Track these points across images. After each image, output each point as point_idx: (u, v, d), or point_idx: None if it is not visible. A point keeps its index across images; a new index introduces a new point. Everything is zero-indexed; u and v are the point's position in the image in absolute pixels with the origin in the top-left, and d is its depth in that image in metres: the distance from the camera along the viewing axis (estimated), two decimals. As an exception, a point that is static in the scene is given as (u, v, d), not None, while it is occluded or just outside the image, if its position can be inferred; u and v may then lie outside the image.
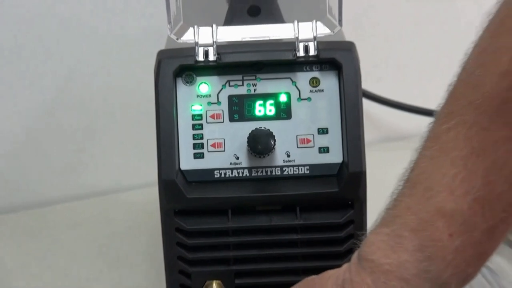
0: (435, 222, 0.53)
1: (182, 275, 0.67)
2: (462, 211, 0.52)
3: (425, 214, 0.54)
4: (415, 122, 1.10)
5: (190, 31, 0.68)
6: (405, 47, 1.14)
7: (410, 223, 0.54)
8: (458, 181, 0.53)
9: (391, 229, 0.55)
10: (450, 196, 0.53)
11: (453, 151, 0.53)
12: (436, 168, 0.54)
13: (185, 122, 0.66)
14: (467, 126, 0.53)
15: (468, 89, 0.54)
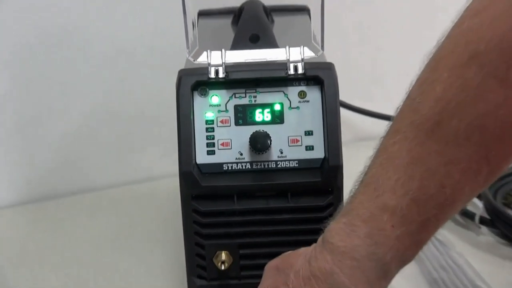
0: (381, 216, 0.54)
1: (198, 247, 0.68)
2: (401, 208, 0.53)
3: (373, 208, 0.54)
4: (379, 125, 1.10)
5: (204, 54, 0.68)
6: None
7: (362, 215, 0.55)
8: (399, 184, 0.53)
9: (347, 219, 0.56)
10: (393, 196, 0.53)
11: (396, 160, 0.54)
12: (383, 173, 0.55)
13: (200, 126, 0.66)
14: (408, 141, 0.54)
15: (410, 112, 0.55)
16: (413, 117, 0.54)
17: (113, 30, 0.98)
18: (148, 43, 1.00)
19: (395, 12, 1.12)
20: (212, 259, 0.68)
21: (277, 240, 0.68)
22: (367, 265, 0.54)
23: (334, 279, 0.55)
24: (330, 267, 0.55)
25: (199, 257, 0.68)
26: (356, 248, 0.54)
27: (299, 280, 0.57)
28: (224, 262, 0.67)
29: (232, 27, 0.76)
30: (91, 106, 1.01)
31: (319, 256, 0.56)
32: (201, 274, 0.69)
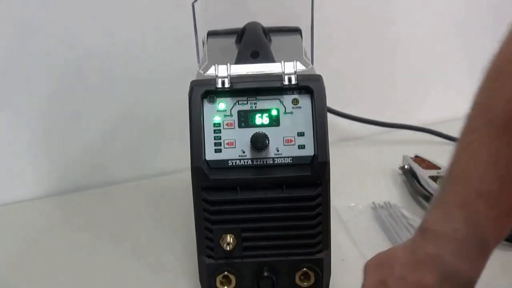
0: (475, 201, 0.53)
1: (207, 230, 0.67)
2: (494, 191, 0.53)
3: (467, 196, 0.53)
4: (360, 128, 1.11)
5: (212, 68, 0.67)
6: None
7: (457, 203, 0.54)
8: (488, 172, 0.53)
9: (443, 209, 0.55)
10: (483, 183, 0.53)
11: (480, 154, 0.53)
12: (470, 166, 0.54)
13: (209, 128, 0.66)
14: (486, 136, 0.53)
15: (484, 113, 0.54)
16: (488, 117, 0.54)
17: (135, 51, 0.98)
18: (165, 58, 1.00)
19: (371, 31, 1.11)
20: (219, 241, 0.67)
21: (274, 225, 0.67)
22: (469, 245, 0.53)
23: (442, 261, 0.53)
24: (436, 251, 0.54)
25: (207, 239, 0.67)
26: (457, 232, 0.53)
27: (405, 268, 0.55)
28: (229, 244, 0.67)
29: (236, 45, 0.76)
30: (113, 109, 1.00)
31: (422, 244, 0.55)
32: (209, 254, 0.68)
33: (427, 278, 0.53)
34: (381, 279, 0.56)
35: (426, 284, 0.53)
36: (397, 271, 0.55)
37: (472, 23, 1.16)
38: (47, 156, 0.99)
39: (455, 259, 0.53)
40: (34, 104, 0.96)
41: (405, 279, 0.55)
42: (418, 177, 0.93)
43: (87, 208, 0.95)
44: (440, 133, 1.09)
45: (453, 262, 0.53)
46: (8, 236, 0.88)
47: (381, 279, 0.56)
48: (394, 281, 0.55)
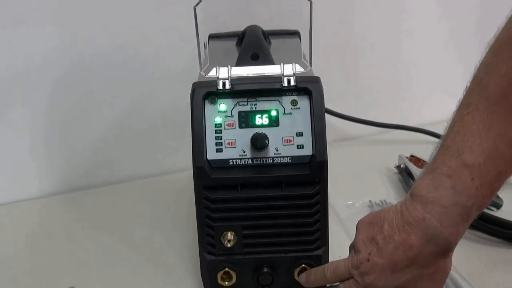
0: (462, 171, 0.56)
1: (208, 228, 0.67)
2: (479, 164, 0.56)
3: (455, 166, 0.56)
4: (359, 128, 1.11)
5: (213, 70, 0.67)
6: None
7: (446, 172, 0.57)
8: (476, 145, 0.56)
9: (432, 176, 0.58)
10: (471, 155, 0.56)
11: (471, 127, 0.56)
12: (461, 137, 0.57)
13: (210, 129, 0.66)
14: (480, 111, 0.56)
15: (479, 88, 0.57)
16: (482, 92, 0.56)
17: (138, 54, 0.98)
18: (167, 60, 1.00)
19: (368, 35, 1.12)
20: (220, 238, 0.67)
21: (273, 223, 0.67)
22: (453, 211, 0.56)
23: (426, 224, 0.57)
24: (422, 214, 0.57)
25: (209, 236, 0.68)
26: (443, 198, 0.57)
27: (393, 228, 0.59)
28: (230, 241, 0.67)
29: (237, 48, 0.76)
30: (116, 110, 1.00)
31: (410, 208, 0.58)
32: (210, 250, 0.68)
33: (412, 238, 0.58)
34: (371, 236, 0.60)
35: (411, 243, 0.58)
36: (386, 230, 0.59)
37: (469, 26, 1.17)
38: (49, 156, 0.99)
39: (439, 224, 0.57)
40: (37, 105, 0.96)
41: (392, 237, 0.59)
42: (413, 176, 0.93)
43: (89, 206, 0.95)
44: (435, 133, 1.10)
45: (437, 226, 0.57)
46: (11, 235, 0.88)
47: (371, 236, 0.60)
48: (382, 238, 0.59)
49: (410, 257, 0.58)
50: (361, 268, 0.60)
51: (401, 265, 0.59)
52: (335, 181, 0.70)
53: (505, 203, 0.85)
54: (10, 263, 0.81)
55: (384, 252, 0.59)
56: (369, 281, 0.60)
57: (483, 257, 0.77)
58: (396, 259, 0.59)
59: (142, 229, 0.87)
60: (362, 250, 0.61)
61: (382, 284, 0.60)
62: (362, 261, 0.60)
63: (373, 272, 0.60)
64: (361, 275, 0.60)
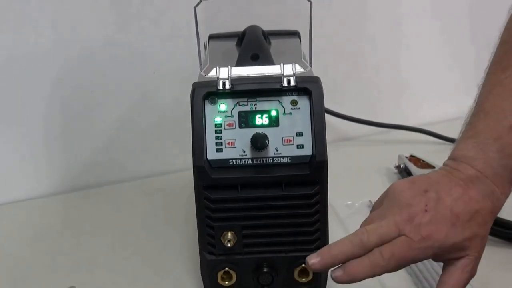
0: (509, 134, 0.55)
1: (208, 228, 0.67)
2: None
3: (501, 129, 0.56)
4: (358, 128, 1.11)
5: (213, 70, 0.67)
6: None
7: (491, 135, 0.56)
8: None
9: (477, 140, 0.57)
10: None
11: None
12: (504, 100, 0.56)
13: (210, 129, 0.66)
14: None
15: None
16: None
17: (139, 54, 0.98)
18: (167, 61, 1.00)
19: (367, 37, 1.11)
20: (220, 238, 0.67)
21: (273, 222, 0.67)
22: (501, 172, 0.56)
23: (481, 181, 0.56)
24: (475, 173, 0.56)
25: (209, 236, 0.68)
26: (493, 160, 0.56)
27: (447, 183, 0.56)
28: (230, 241, 0.67)
29: (237, 48, 0.76)
30: (116, 110, 1.00)
31: (460, 167, 0.56)
32: (211, 250, 0.68)
33: (471, 192, 0.55)
34: (423, 189, 0.56)
35: (471, 196, 0.55)
36: (440, 184, 0.56)
37: (467, 27, 1.17)
38: (49, 156, 0.99)
39: (492, 182, 0.56)
40: (37, 105, 0.96)
41: (449, 191, 0.55)
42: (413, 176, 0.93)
43: (89, 206, 0.95)
44: (435, 133, 1.10)
45: (491, 183, 0.56)
46: (11, 235, 0.88)
47: (423, 189, 0.56)
48: (437, 191, 0.55)
49: (471, 210, 0.55)
50: (417, 220, 0.54)
51: (462, 217, 0.54)
52: (335, 181, 0.70)
53: (505, 203, 0.85)
54: (10, 263, 0.81)
55: (443, 203, 0.54)
56: (426, 233, 0.53)
57: (483, 257, 0.77)
58: (458, 210, 0.54)
59: (142, 229, 0.87)
60: (415, 203, 0.55)
61: (441, 236, 0.54)
62: (417, 213, 0.54)
63: (432, 223, 0.54)
64: (416, 227, 0.54)
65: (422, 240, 0.53)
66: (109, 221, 0.90)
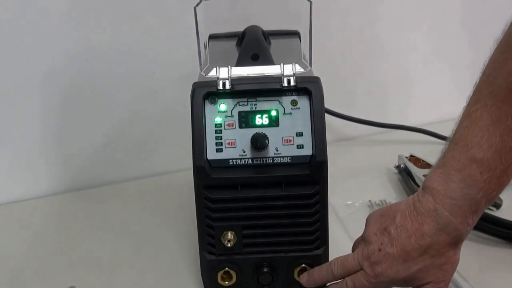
0: (471, 165, 0.57)
1: (208, 228, 0.67)
2: (487, 158, 0.57)
3: (464, 160, 0.58)
4: (358, 128, 1.11)
5: (213, 70, 0.67)
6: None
7: (455, 166, 0.58)
8: (484, 140, 0.57)
9: (443, 170, 0.59)
10: (479, 149, 0.57)
11: (480, 122, 0.58)
12: (469, 133, 0.58)
13: (210, 129, 0.66)
14: (488, 107, 0.57)
15: (487, 85, 0.58)
16: (490, 88, 0.58)
17: (139, 54, 0.98)
18: (167, 61, 1.00)
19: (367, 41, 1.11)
20: (220, 238, 0.67)
21: (273, 222, 0.67)
22: (462, 203, 0.58)
23: (438, 214, 0.59)
24: (434, 206, 0.59)
25: (209, 236, 0.68)
26: (453, 190, 0.58)
27: (406, 218, 0.60)
28: (230, 241, 0.67)
29: (237, 48, 0.76)
30: (117, 111, 1.00)
31: (422, 199, 0.60)
32: (211, 250, 0.68)
33: (425, 227, 0.59)
34: (383, 227, 0.61)
35: (424, 232, 0.59)
36: (398, 221, 0.61)
37: (467, 27, 1.17)
38: (50, 156, 0.99)
39: (450, 214, 0.58)
40: (37, 105, 0.96)
41: (405, 227, 0.60)
42: (413, 176, 0.93)
43: (89, 206, 0.95)
44: (435, 133, 1.10)
45: (448, 216, 0.58)
46: (12, 234, 0.88)
47: (383, 227, 0.61)
48: (395, 228, 0.60)
49: (423, 245, 0.59)
50: (372, 258, 0.61)
51: (413, 254, 0.59)
52: (334, 181, 0.70)
53: (505, 203, 0.85)
54: (10, 263, 0.81)
55: (397, 241, 0.60)
56: (380, 270, 0.60)
57: (483, 257, 0.77)
58: (409, 248, 0.59)
59: (142, 229, 0.87)
60: (374, 241, 0.61)
61: (393, 273, 0.60)
62: (374, 251, 0.61)
63: (384, 262, 0.60)
64: (371, 265, 0.61)
65: (376, 276, 0.61)
66: (109, 221, 0.90)
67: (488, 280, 0.73)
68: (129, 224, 0.89)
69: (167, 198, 0.95)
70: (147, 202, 0.95)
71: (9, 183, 0.97)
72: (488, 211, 0.83)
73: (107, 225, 0.89)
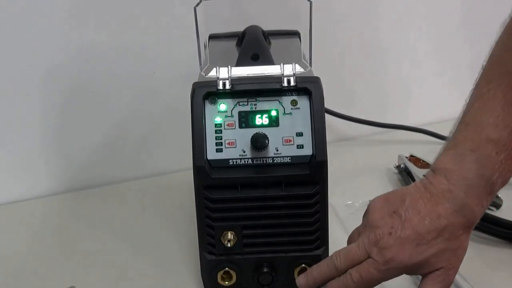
0: (486, 145, 0.56)
1: (208, 228, 0.67)
2: (503, 138, 0.56)
3: (479, 140, 0.57)
4: (358, 128, 1.11)
5: (213, 70, 0.67)
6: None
7: (469, 147, 0.57)
8: (499, 120, 0.56)
9: (455, 151, 0.58)
10: (495, 129, 0.56)
11: (494, 102, 0.56)
12: (483, 113, 0.57)
13: (210, 129, 0.66)
14: (502, 86, 0.56)
15: (499, 66, 0.58)
16: (502, 69, 0.57)
17: (138, 54, 0.98)
18: (167, 60, 1.00)
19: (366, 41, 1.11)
20: (220, 238, 0.67)
21: (273, 222, 0.67)
22: (478, 183, 0.56)
23: (453, 195, 0.57)
24: (448, 187, 0.57)
25: (209, 236, 0.68)
26: (468, 171, 0.57)
27: (417, 200, 0.58)
28: (230, 241, 0.67)
29: (237, 48, 0.76)
30: (117, 111, 1.00)
31: (435, 181, 0.58)
32: (211, 250, 0.68)
33: (440, 208, 0.57)
34: (392, 210, 0.58)
35: (439, 213, 0.57)
36: (409, 203, 0.58)
37: (467, 27, 1.17)
38: (50, 156, 0.99)
39: (465, 195, 0.56)
40: (37, 105, 0.96)
41: (417, 209, 0.57)
42: (413, 176, 0.93)
43: (88, 206, 0.95)
44: (435, 133, 1.10)
45: (464, 197, 0.56)
46: (12, 234, 0.88)
47: (392, 210, 0.58)
48: (405, 210, 0.57)
49: (438, 228, 0.56)
50: (381, 243, 0.57)
51: (428, 236, 0.56)
52: (334, 181, 0.70)
53: (505, 203, 0.85)
54: (10, 262, 0.81)
55: (409, 223, 0.57)
56: (390, 256, 0.57)
57: (483, 257, 0.77)
58: (423, 230, 0.56)
59: (142, 229, 0.87)
60: (382, 225, 0.58)
61: (405, 258, 0.57)
62: (383, 236, 0.57)
63: (396, 246, 0.57)
64: (381, 250, 0.57)
65: (386, 263, 0.57)
66: (109, 221, 0.90)
67: (488, 280, 0.73)
68: (129, 224, 0.89)
69: (167, 198, 0.95)
70: (147, 202, 0.95)
71: (9, 183, 0.97)
72: (488, 211, 0.83)
73: (107, 225, 0.89)
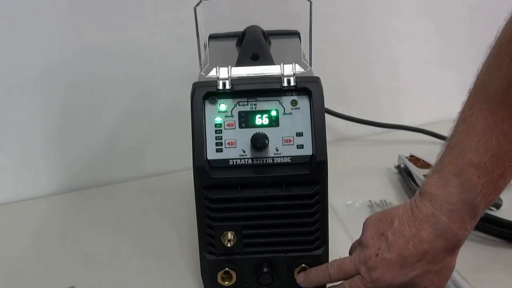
0: (468, 169, 0.58)
1: (208, 228, 0.67)
2: (484, 162, 0.57)
3: (461, 165, 0.58)
4: (358, 128, 1.11)
5: (213, 70, 0.67)
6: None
7: (452, 171, 0.58)
8: (480, 144, 0.57)
9: (440, 175, 0.59)
10: (476, 154, 0.57)
11: (476, 127, 0.58)
12: (466, 137, 0.58)
13: (210, 129, 0.66)
14: (483, 111, 0.57)
15: (482, 90, 0.58)
16: (485, 93, 0.58)
17: (139, 54, 0.98)
18: (168, 61, 1.00)
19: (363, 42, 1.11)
20: (220, 238, 0.67)
21: (273, 222, 0.67)
22: (460, 207, 0.58)
23: (436, 219, 0.58)
24: (431, 211, 0.59)
25: (209, 236, 0.68)
26: (451, 195, 0.58)
27: (404, 223, 0.60)
28: (230, 241, 0.67)
29: (237, 48, 0.76)
30: (117, 111, 1.00)
31: (420, 204, 0.60)
32: (211, 250, 0.68)
33: (423, 233, 0.59)
34: (380, 232, 0.61)
35: (422, 237, 0.59)
36: (396, 226, 0.60)
37: (466, 27, 1.17)
38: (50, 156, 0.99)
39: (448, 219, 0.58)
40: (37, 105, 0.96)
41: (402, 232, 0.60)
42: (413, 176, 0.93)
43: (88, 206, 0.95)
44: (434, 133, 1.10)
45: (446, 222, 0.58)
46: (12, 234, 0.88)
47: (380, 231, 0.61)
48: (392, 234, 0.60)
49: (420, 251, 0.59)
50: (369, 263, 0.61)
51: (410, 259, 0.59)
52: (334, 181, 0.70)
53: (505, 203, 0.85)
54: (10, 262, 0.81)
55: (394, 246, 0.60)
56: (376, 276, 0.60)
57: (483, 257, 0.77)
58: (406, 253, 0.59)
59: (142, 229, 0.87)
60: (371, 246, 0.61)
61: (389, 279, 0.60)
62: (371, 256, 0.61)
63: (381, 267, 0.60)
64: (368, 270, 0.61)
65: (373, 282, 0.61)
66: (109, 221, 0.90)
67: (488, 280, 0.73)
68: (129, 224, 0.89)
69: (167, 198, 0.95)
70: (147, 202, 0.95)
71: (9, 183, 0.97)
72: (488, 211, 0.83)
73: (107, 225, 0.89)
